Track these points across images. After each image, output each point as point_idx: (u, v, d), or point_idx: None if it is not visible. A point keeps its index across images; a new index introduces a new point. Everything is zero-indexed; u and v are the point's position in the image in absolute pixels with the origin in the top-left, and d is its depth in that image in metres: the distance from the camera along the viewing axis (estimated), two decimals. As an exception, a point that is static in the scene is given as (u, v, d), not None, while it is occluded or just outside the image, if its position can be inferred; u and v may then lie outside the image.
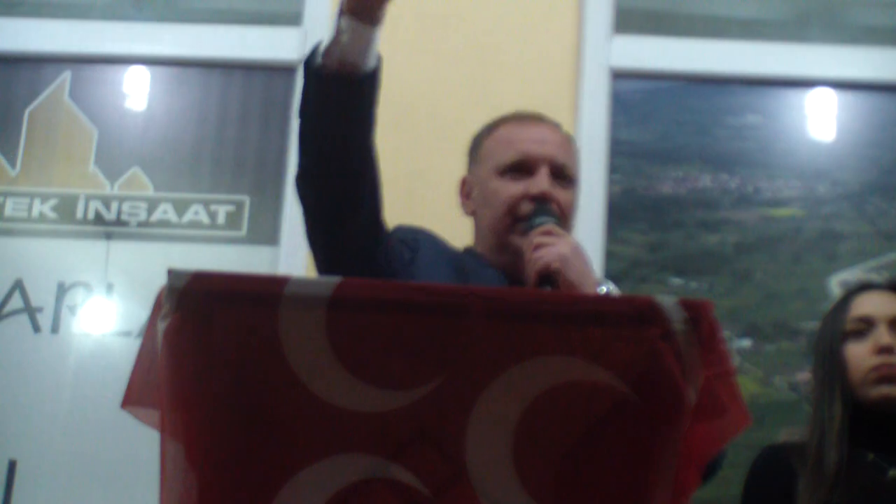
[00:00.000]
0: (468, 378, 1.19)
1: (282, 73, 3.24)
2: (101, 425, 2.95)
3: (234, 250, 3.16)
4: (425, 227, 1.98)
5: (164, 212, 3.19)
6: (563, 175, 1.91)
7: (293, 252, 3.03)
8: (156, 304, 1.22)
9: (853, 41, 3.32)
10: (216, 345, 1.20)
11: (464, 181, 2.01)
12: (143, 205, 3.19)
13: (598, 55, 3.18)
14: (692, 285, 3.13)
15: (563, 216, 1.87)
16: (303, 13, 3.22)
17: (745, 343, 3.07)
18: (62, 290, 3.14)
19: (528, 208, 1.86)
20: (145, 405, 1.26)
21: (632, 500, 1.19)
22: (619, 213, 3.14)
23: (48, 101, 3.29)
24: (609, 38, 3.21)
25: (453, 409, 1.18)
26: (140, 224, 3.18)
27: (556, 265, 1.72)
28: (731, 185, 3.21)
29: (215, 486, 1.20)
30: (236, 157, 3.24)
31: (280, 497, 1.19)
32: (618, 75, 3.20)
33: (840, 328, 2.25)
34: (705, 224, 3.19)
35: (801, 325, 3.06)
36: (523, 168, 1.89)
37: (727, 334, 3.00)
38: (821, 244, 3.15)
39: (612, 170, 3.14)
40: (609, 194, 3.11)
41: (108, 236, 3.18)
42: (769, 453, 2.26)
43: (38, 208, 3.20)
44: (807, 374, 2.54)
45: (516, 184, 1.89)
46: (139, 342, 1.28)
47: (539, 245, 1.76)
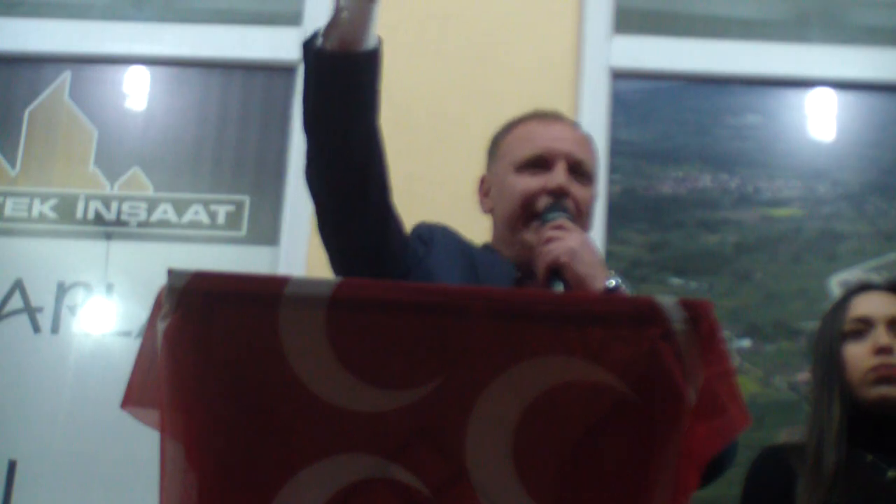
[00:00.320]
0: (468, 378, 1.19)
1: (282, 73, 3.24)
2: (101, 425, 2.95)
3: (234, 250, 3.16)
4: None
5: (164, 212, 3.19)
6: (581, 171, 1.91)
7: (293, 252, 3.03)
8: (156, 304, 1.22)
9: (853, 41, 3.32)
10: (216, 345, 1.20)
11: (482, 179, 2.02)
12: (143, 205, 3.19)
13: (598, 55, 3.17)
14: (692, 285, 3.13)
15: (579, 212, 1.87)
16: (303, 13, 3.22)
17: (745, 343, 3.07)
18: (62, 290, 3.14)
19: (544, 203, 1.86)
20: (145, 405, 1.25)
21: (632, 500, 1.19)
22: (619, 213, 3.14)
23: (48, 101, 3.29)
24: (609, 38, 3.21)
25: (453, 409, 1.18)
26: (140, 224, 3.18)
27: (565, 259, 1.72)
28: (731, 185, 3.21)
29: (215, 486, 1.20)
30: (236, 157, 3.24)
31: (280, 497, 1.19)
32: (618, 75, 3.20)
33: (839, 329, 2.25)
34: (705, 224, 3.18)
35: (801, 325, 3.06)
36: (541, 164, 1.90)
37: (727, 334, 3.00)
38: (821, 244, 3.15)
39: (612, 170, 3.14)
40: (609, 194, 3.10)
41: (108, 236, 3.18)
42: (768, 454, 2.27)
43: (38, 208, 3.20)
44: (807, 375, 2.54)
45: (533, 179, 1.89)
46: (139, 342, 1.28)
47: (549, 239, 1.76)
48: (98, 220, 3.19)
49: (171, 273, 1.21)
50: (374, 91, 1.72)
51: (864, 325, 2.24)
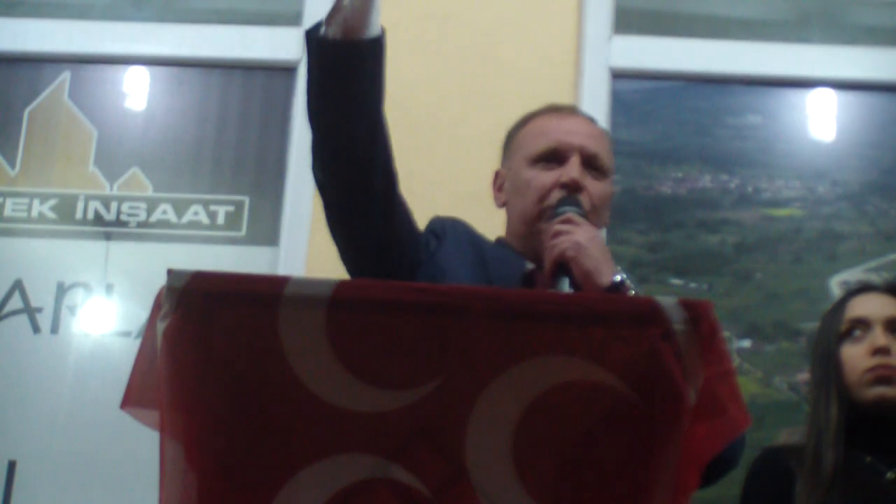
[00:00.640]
0: (468, 378, 1.19)
1: (282, 73, 3.23)
2: (101, 425, 2.95)
3: (233, 251, 3.16)
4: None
5: (164, 212, 3.18)
6: (596, 165, 1.90)
7: (293, 252, 3.03)
8: (155, 305, 1.22)
9: (853, 41, 3.32)
10: (216, 345, 1.20)
11: (497, 174, 2.01)
12: (143, 205, 3.19)
13: (598, 55, 3.17)
14: (692, 285, 3.13)
15: (593, 207, 1.86)
16: (303, 13, 3.22)
17: (745, 343, 3.07)
18: (62, 290, 3.14)
19: (558, 197, 1.85)
20: (145, 406, 1.25)
21: (632, 500, 1.19)
22: (619, 213, 3.13)
23: (48, 101, 3.29)
24: (609, 38, 3.21)
25: (453, 409, 1.18)
26: (140, 224, 3.18)
27: (571, 253, 1.72)
28: (731, 185, 3.21)
29: (215, 487, 1.20)
30: (236, 157, 3.24)
31: (280, 497, 1.19)
32: (618, 75, 3.20)
33: (837, 330, 2.25)
34: (705, 224, 3.18)
35: (802, 325, 3.06)
36: (555, 157, 1.89)
37: (727, 334, 3.00)
38: (821, 244, 3.15)
39: (612, 170, 3.14)
40: (609, 194, 3.10)
41: (108, 237, 3.18)
42: (767, 455, 2.27)
43: (38, 208, 3.20)
44: (806, 375, 2.54)
45: (547, 173, 1.88)
46: (139, 342, 1.28)
47: (557, 233, 1.76)
48: (98, 220, 3.19)
49: (171, 273, 1.21)
50: (377, 80, 1.71)
51: (862, 327, 2.24)
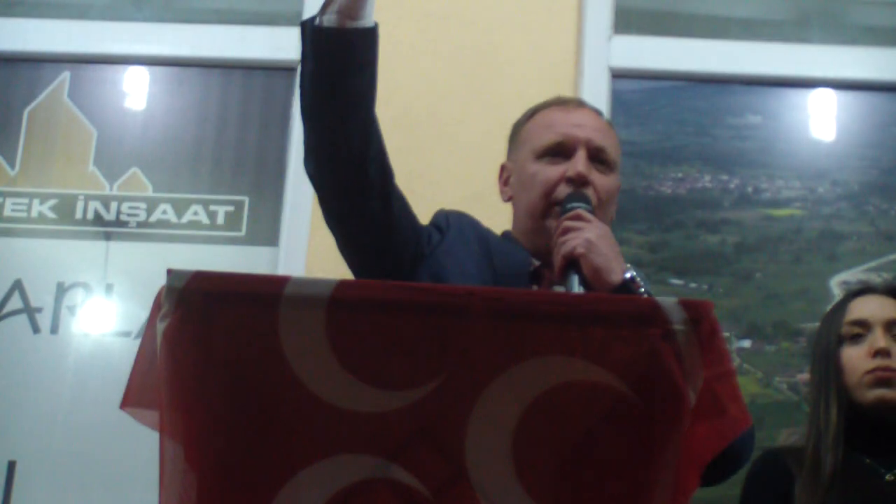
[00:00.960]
0: (468, 378, 1.19)
1: (282, 73, 3.23)
2: (101, 425, 2.95)
3: (233, 251, 3.15)
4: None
5: (164, 212, 3.18)
6: (602, 159, 1.89)
7: (293, 252, 3.03)
8: (155, 305, 1.22)
9: (853, 41, 3.32)
10: (216, 345, 1.20)
11: (503, 168, 1.99)
12: (143, 205, 3.19)
13: (598, 55, 3.17)
14: (692, 285, 3.13)
15: (599, 201, 1.85)
16: (303, 13, 3.21)
17: (745, 343, 3.07)
18: (61, 290, 3.13)
19: (565, 192, 1.84)
20: (145, 406, 1.25)
21: (632, 500, 1.19)
22: (619, 213, 3.11)
23: (47, 101, 3.29)
24: (609, 38, 3.21)
25: (453, 409, 1.18)
26: (139, 224, 3.18)
27: (581, 250, 1.70)
28: (731, 185, 3.21)
29: (215, 487, 1.20)
30: (236, 157, 3.24)
31: (280, 497, 1.19)
32: (618, 75, 3.20)
33: (836, 331, 2.25)
34: (705, 224, 3.18)
35: (802, 325, 3.06)
36: (561, 151, 1.87)
37: (727, 335, 3.00)
38: (821, 244, 3.15)
39: (612, 170, 3.14)
40: (609, 194, 3.10)
41: (108, 237, 3.18)
42: (767, 456, 2.27)
43: (38, 208, 3.20)
44: (806, 375, 2.54)
45: (554, 167, 1.86)
46: (139, 342, 1.28)
47: (566, 230, 1.74)
48: (97, 220, 3.19)
49: (171, 273, 1.21)
50: (370, 72, 1.70)
51: (862, 328, 2.24)
